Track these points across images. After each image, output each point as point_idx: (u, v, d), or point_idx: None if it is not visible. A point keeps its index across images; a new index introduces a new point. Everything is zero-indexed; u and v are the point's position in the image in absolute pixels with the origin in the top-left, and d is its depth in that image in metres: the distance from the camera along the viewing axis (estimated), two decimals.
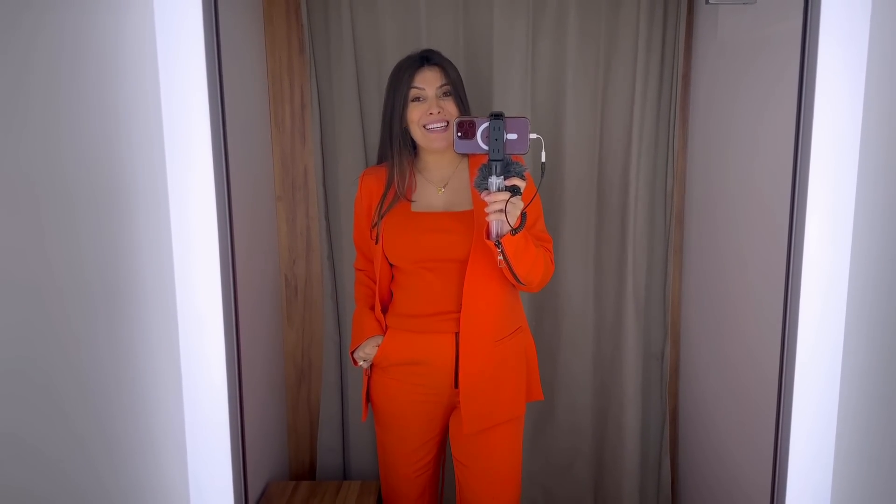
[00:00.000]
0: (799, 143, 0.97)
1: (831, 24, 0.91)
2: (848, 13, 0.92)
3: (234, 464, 1.01)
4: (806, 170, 0.96)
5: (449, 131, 1.54)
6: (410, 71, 1.53)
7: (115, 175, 0.94)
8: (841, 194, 0.96)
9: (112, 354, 0.94)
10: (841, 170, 0.96)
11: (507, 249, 1.39)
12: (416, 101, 1.54)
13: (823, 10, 0.91)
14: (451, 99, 1.55)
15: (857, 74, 0.94)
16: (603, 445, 2.26)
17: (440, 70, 1.55)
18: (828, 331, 1.00)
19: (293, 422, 2.27)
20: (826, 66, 0.93)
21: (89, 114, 0.89)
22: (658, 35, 2.02)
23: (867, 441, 1.08)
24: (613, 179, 2.11)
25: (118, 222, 0.95)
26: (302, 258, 2.19)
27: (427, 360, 1.59)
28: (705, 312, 2.03)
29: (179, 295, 0.99)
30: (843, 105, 0.95)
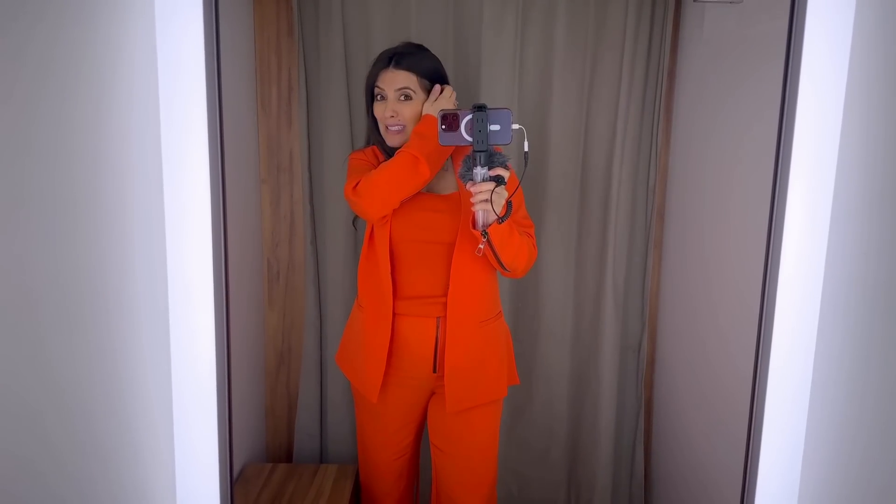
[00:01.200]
0: (781, 142, 1.00)
1: (816, 25, 0.94)
2: (833, 14, 0.95)
3: (220, 445, 1.02)
4: (787, 168, 0.98)
5: (403, 133, 1.58)
6: (376, 69, 1.59)
7: (111, 161, 0.94)
8: (820, 192, 0.99)
9: (100, 335, 0.94)
10: (821, 169, 0.99)
11: (493, 238, 1.42)
12: (381, 100, 1.59)
13: (809, 10, 0.93)
14: (409, 103, 1.57)
15: (840, 74, 0.97)
16: (578, 434, 2.30)
17: (404, 72, 1.56)
18: (802, 327, 1.03)
19: (272, 405, 2.27)
20: (810, 66, 0.96)
21: (84, 94, 0.89)
22: (645, 31, 2.04)
23: (837, 434, 1.11)
24: (597, 173, 2.14)
25: (109, 209, 0.95)
26: (285, 242, 2.19)
27: (406, 344, 1.61)
28: (682, 306, 2.07)
29: (171, 282, 0.99)
30: (825, 105, 0.98)
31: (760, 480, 1.04)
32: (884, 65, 1.02)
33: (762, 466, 1.03)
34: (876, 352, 1.07)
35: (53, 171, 0.86)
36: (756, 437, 1.05)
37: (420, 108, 1.59)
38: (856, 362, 1.08)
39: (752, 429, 1.07)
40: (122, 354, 0.99)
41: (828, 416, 1.09)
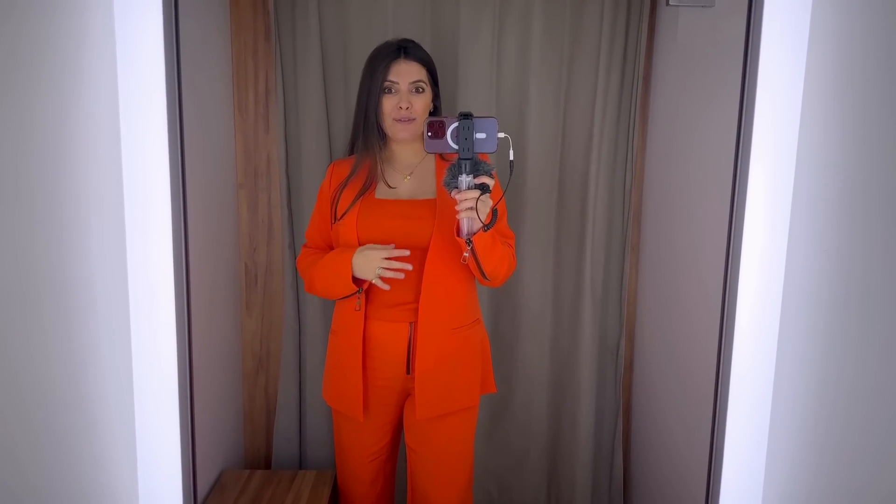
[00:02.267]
0: (740, 145, 1.01)
1: (772, 28, 0.95)
2: (789, 17, 0.96)
3: (183, 452, 1.01)
4: (746, 171, 0.99)
5: (414, 124, 1.57)
6: (387, 62, 1.55)
7: (69, 159, 0.93)
8: (779, 193, 1.00)
9: (59, 340, 0.93)
10: (779, 169, 0.99)
11: (476, 247, 1.42)
12: (389, 93, 1.56)
13: (766, 13, 0.94)
14: (422, 95, 1.57)
15: (797, 75, 0.98)
16: (558, 438, 2.30)
17: (416, 64, 1.56)
18: (764, 327, 1.04)
19: (250, 410, 2.26)
20: (767, 68, 0.97)
21: (41, 94, 0.88)
22: (620, 36, 2.05)
23: (800, 435, 1.12)
24: (574, 176, 2.14)
25: (69, 207, 0.94)
26: (263, 246, 2.18)
27: (380, 345, 1.61)
28: (659, 308, 2.07)
29: (131, 280, 0.98)
30: (783, 107, 0.99)
31: (724, 481, 1.04)
32: (840, 67, 1.03)
33: (726, 467, 1.04)
34: (837, 350, 1.08)
35: (15, 173, 0.85)
36: (720, 438, 1.06)
37: (429, 101, 1.58)
38: (817, 362, 1.09)
39: (716, 429, 1.07)
40: (83, 358, 0.98)
41: (790, 416, 1.10)
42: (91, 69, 0.96)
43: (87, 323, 0.98)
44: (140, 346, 0.97)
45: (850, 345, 1.06)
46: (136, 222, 0.95)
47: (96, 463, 1.01)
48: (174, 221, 0.94)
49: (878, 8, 1.00)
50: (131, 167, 0.94)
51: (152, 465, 0.99)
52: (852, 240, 1.03)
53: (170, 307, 0.95)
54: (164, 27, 0.90)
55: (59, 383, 0.94)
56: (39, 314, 0.90)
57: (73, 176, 0.95)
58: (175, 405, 0.96)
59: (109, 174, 0.99)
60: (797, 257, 1.05)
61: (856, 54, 1.03)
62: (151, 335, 0.96)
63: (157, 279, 0.96)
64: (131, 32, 0.93)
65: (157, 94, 0.92)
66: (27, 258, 0.87)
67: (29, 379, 0.89)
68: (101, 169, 0.99)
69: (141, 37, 0.93)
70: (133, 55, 0.93)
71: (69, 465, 0.96)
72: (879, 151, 0.99)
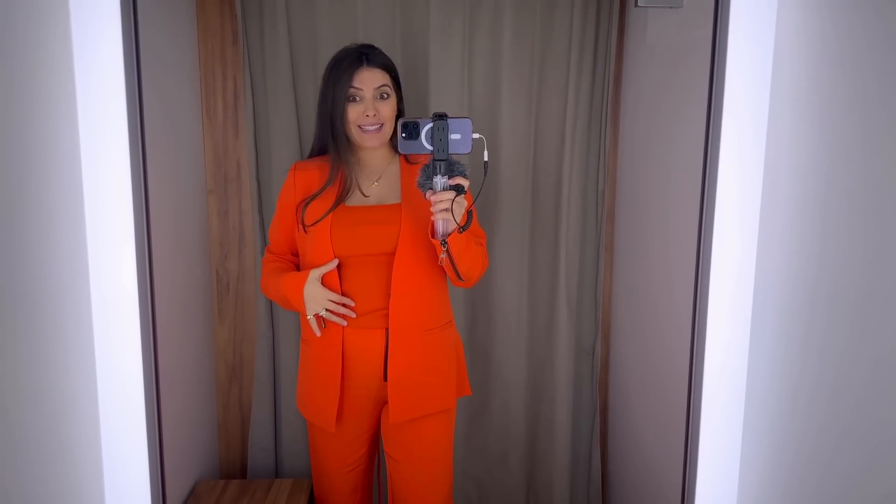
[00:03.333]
0: (708, 145, 1.01)
1: (739, 29, 0.96)
2: (755, 17, 0.97)
3: (151, 464, 0.99)
4: (715, 170, 0.99)
5: (381, 131, 1.56)
6: (350, 70, 1.53)
7: (30, 169, 0.91)
8: (748, 192, 1.01)
9: (21, 351, 0.90)
10: (748, 170, 1.00)
11: (452, 248, 1.42)
12: (353, 101, 1.54)
13: (732, 14, 0.95)
14: (387, 101, 1.56)
15: (764, 76, 0.99)
16: (536, 439, 2.30)
17: (380, 70, 1.55)
18: (735, 325, 1.04)
19: (224, 420, 2.23)
20: (734, 68, 0.98)
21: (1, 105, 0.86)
22: (591, 37, 2.06)
23: (772, 436, 1.13)
24: (547, 178, 2.15)
25: (30, 216, 0.92)
26: (234, 253, 2.15)
27: (357, 354, 1.59)
28: (633, 308, 2.08)
29: (94, 289, 0.96)
30: (750, 105, 0.99)
31: (700, 480, 1.04)
32: (806, 66, 1.04)
33: (701, 466, 1.04)
34: (810, 348, 1.09)
35: None
36: (694, 437, 1.06)
37: (395, 106, 1.57)
38: (790, 359, 1.10)
39: (690, 428, 1.08)
40: (45, 370, 0.95)
41: (764, 415, 1.10)
42: (49, 76, 0.94)
43: (50, 332, 0.95)
44: (104, 357, 0.95)
45: (823, 341, 1.07)
46: (98, 231, 0.93)
47: (61, 475, 0.99)
48: (136, 228, 0.92)
49: (843, 7, 1.01)
50: (91, 176, 0.92)
51: (120, 478, 0.97)
52: (823, 237, 1.04)
53: (134, 316, 0.93)
54: (123, 32, 0.88)
55: (20, 394, 0.91)
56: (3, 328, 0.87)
57: (33, 183, 0.92)
58: (142, 416, 0.94)
59: (70, 183, 0.97)
60: (767, 255, 1.06)
61: (822, 54, 1.04)
62: (115, 345, 0.94)
63: (120, 288, 0.93)
64: (90, 39, 0.91)
65: (116, 99, 0.90)
66: None
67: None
68: (62, 178, 0.96)
69: (99, 43, 0.91)
70: (92, 61, 0.91)
71: (32, 477, 0.94)
72: (848, 150, 1.00)
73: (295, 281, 1.57)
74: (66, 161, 0.96)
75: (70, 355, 0.98)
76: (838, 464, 1.03)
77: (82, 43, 0.92)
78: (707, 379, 1.03)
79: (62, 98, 0.95)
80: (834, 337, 1.04)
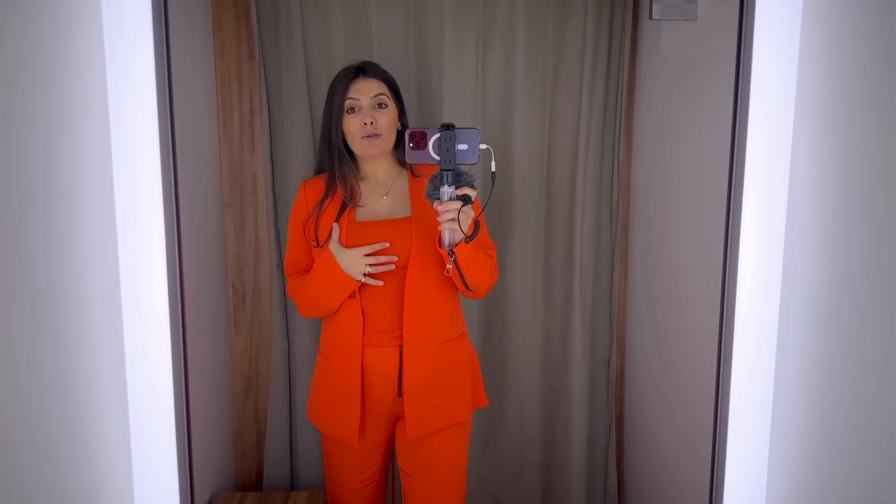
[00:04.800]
0: (734, 155, 1.02)
1: (763, 41, 0.96)
2: (779, 30, 0.97)
3: (180, 475, 0.99)
4: (741, 180, 1.00)
5: (380, 140, 1.57)
6: (345, 81, 1.56)
7: (62, 180, 0.92)
8: (773, 202, 1.01)
9: (55, 363, 0.92)
10: (773, 179, 1.01)
11: (459, 257, 1.42)
12: (352, 112, 1.56)
13: (756, 27, 0.96)
14: (385, 111, 1.57)
15: (788, 88, 0.99)
16: (551, 451, 2.29)
17: (375, 80, 1.57)
18: (762, 335, 1.04)
19: (240, 431, 2.23)
20: (759, 80, 0.98)
21: (37, 118, 0.87)
22: (604, 49, 2.07)
23: (800, 447, 1.12)
24: (561, 189, 2.16)
25: (64, 228, 0.93)
26: (250, 266, 2.17)
27: (374, 371, 1.59)
28: (649, 319, 2.08)
29: (125, 303, 0.97)
30: (775, 116, 1.00)
31: (727, 493, 1.04)
32: (831, 75, 1.05)
33: (728, 480, 1.04)
34: (833, 357, 1.09)
35: (6, 182, 0.84)
36: (721, 449, 1.06)
37: (394, 117, 1.58)
38: (817, 368, 1.10)
39: (717, 440, 1.08)
40: (80, 392, 0.96)
41: (791, 427, 1.10)
42: (81, 94, 0.95)
43: (82, 345, 0.96)
44: (134, 372, 0.96)
45: (850, 347, 1.07)
46: (129, 249, 0.94)
47: (91, 489, 0.99)
48: (168, 246, 0.94)
49: (866, 16, 1.02)
50: (124, 190, 0.93)
51: (148, 492, 0.97)
52: (848, 248, 1.04)
53: (165, 333, 0.94)
54: (156, 53, 0.90)
55: (60, 413, 0.92)
56: (31, 333, 0.88)
57: (69, 193, 0.94)
58: (172, 431, 0.95)
59: (102, 197, 0.98)
60: (793, 264, 1.06)
61: (846, 63, 1.04)
62: (146, 360, 0.95)
63: (152, 304, 0.94)
64: (122, 57, 0.93)
65: (147, 120, 0.91)
66: (25, 261, 0.86)
67: (26, 386, 0.87)
68: (93, 192, 0.98)
69: (132, 60, 0.92)
70: (125, 79, 0.93)
71: (65, 491, 0.94)
72: (873, 159, 1.00)
73: (324, 264, 1.54)
74: (100, 173, 0.98)
75: (100, 367, 0.99)
76: (866, 474, 1.03)
77: (114, 59, 0.94)
78: (734, 387, 1.03)
79: (96, 114, 0.97)
80: (860, 341, 1.04)
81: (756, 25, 0.96)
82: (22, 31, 0.87)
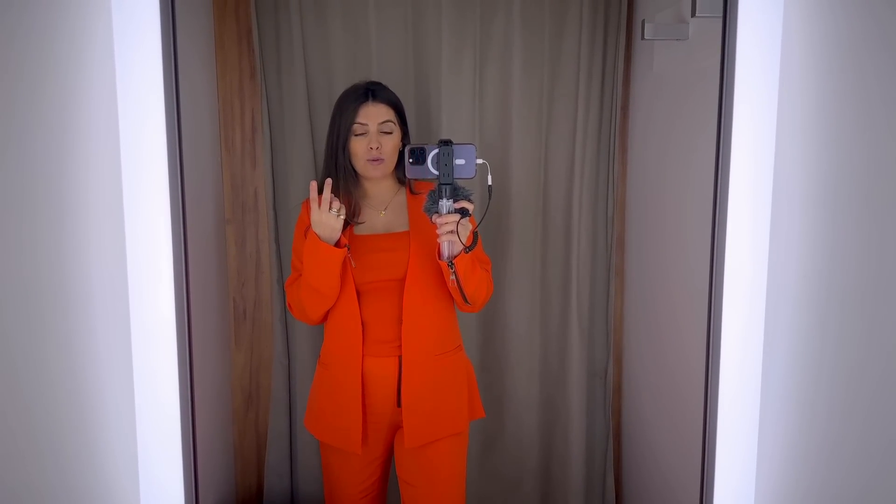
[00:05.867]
0: (718, 172, 1.05)
1: (746, 59, 1.00)
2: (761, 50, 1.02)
3: (186, 492, 1.01)
4: (725, 196, 1.03)
5: (384, 164, 1.61)
6: (355, 105, 1.60)
7: (73, 198, 0.95)
8: (758, 219, 1.05)
9: (63, 380, 0.94)
10: (758, 193, 1.04)
11: (458, 269, 1.46)
12: (358, 136, 1.60)
13: (738, 46, 1.00)
14: (390, 136, 1.62)
15: (771, 103, 1.03)
16: (549, 463, 2.31)
17: (384, 106, 1.61)
18: (749, 349, 1.07)
19: (240, 445, 2.25)
20: (742, 97, 1.02)
21: (46, 135, 0.90)
22: (598, 67, 2.11)
23: (789, 460, 1.15)
24: (558, 204, 2.19)
25: (74, 243, 0.96)
26: (251, 281, 2.19)
27: (373, 381, 1.62)
28: (645, 332, 2.11)
29: (133, 316, 1.00)
30: (758, 131, 1.04)
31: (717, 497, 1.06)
32: (812, 94, 1.09)
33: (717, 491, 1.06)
34: (820, 372, 1.11)
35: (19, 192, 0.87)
36: (710, 462, 1.08)
37: (398, 141, 1.62)
38: (803, 394, 1.12)
39: (706, 453, 1.10)
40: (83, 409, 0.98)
41: (779, 441, 1.13)
42: (91, 114, 0.98)
43: (89, 360, 0.99)
44: (141, 387, 0.98)
45: (835, 361, 1.10)
46: (137, 265, 0.97)
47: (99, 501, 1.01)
48: (175, 264, 0.96)
49: (847, 37, 1.05)
50: (132, 205, 0.96)
51: None
52: (832, 259, 1.07)
53: (171, 347, 0.96)
54: (164, 70, 0.93)
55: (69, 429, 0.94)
56: (41, 349, 0.91)
57: (77, 214, 0.96)
58: (178, 444, 0.97)
59: (111, 213, 1.01)
60: (779, 279, 1.09)
61: (827, 82, 1.08)
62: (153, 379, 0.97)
63: (159, 321, 0.97)
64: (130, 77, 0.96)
65: (156, 133, 0.95)
66: (35, 276, 0.88)
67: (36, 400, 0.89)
68: (102, 208, 1.00)
69: (140, 81, 0.95)
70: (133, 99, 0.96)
71: None
72: (857, 179, 1.04)
73: (309, 244, 1.53)
74: (109, 188, 1.01)
75: (107, 381, 1.02)
76: (854, 476, 1.05)
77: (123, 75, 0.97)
78: (722, 402, 1.06)
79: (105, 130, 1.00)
80: (848, 347, 1.07)
81: (738, 46, 1.00)
82: (32, 59, 0.90)
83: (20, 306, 0.87)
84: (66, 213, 0.96)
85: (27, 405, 0.89)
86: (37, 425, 0.91)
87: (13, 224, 0.87)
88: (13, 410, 0.87)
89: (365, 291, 1.61)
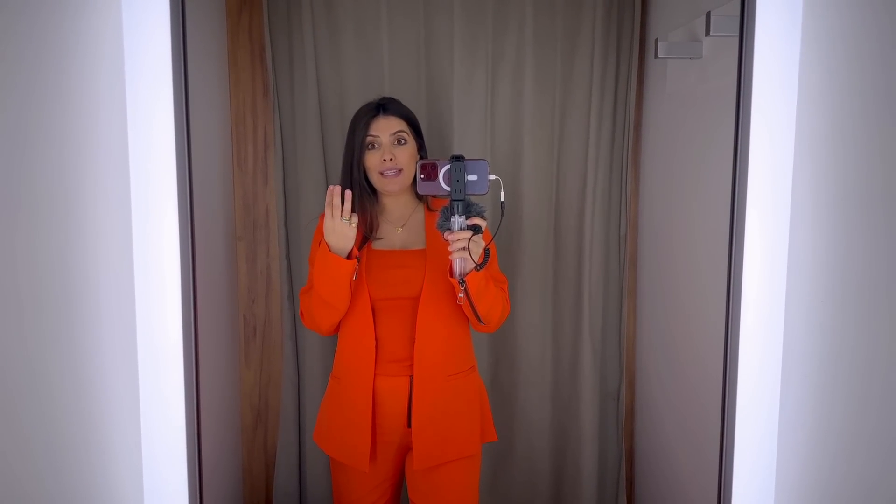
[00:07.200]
0: (735, 191, 1.03)
1: (763, 80, 0.99)
2: (778, 68, 1.00)
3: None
4: (742, 216, 1.01)
5: (401, 176, 1.60)
6: (367, 119, 1.60)
7: (81, 212, 0.95)
8: (775, 238, 1.03)
9: (71, 399, 0.93)
10: (775, 213, 1.02)
11: (470, 287, 1.44)
12: (372, 149, 1.59)
13: (756, 65, 0.98)
14: (405, 147, 1.61)
15: (788, 125, 1.01)
16: (561, 485, 2.27)
17: (395, 118, 1.61)
18: (767, 371, 1.05)
19: (248, 464, 2.23)
20: (759, 117, 1.01)
21: (57, 152, 0.90)
22: (611, 86, 2.10)
23: (807, 482, 1.12)
24: (569, 223, 2.17)
25: (82, 254, 0.95)
26: (261, 298, 2.19)
27: (384, 402, 1.60)
28: (658, 353, 2.08)
29: (140, 334, 0.99)
30: (775, 150, 1.02)
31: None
32: (830, 112, 1.07)
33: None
34: (840, 395, 1.09)
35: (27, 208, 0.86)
36: (727, 484, 1.06)
37: (414, 152, 1.62)
38: (822, 405, 1.10)
39: (723, 476, 1.07)
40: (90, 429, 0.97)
41: (797, 463, 1.10)
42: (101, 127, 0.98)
43: (97, 377, 0.98)
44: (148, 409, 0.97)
45: (852, 386, 1.07)
46: (145, 282, 0.96)
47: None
48: (183, 281, 0.96)
49: (867, 54, 1.04)
50: (141, 221, 0.96)
51: None
52: (844, 287, 1.05)
53: (178, 365, 0.96)
54: (174, 87, 0.93)
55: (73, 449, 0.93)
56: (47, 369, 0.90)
57: (84, 228, 0.96)
58: (183, 463, 0.96)
59: (120, 229, 1.01)
60: (797, 301, 1.07)
61: (846, 101, 1.07)
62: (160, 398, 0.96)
63: (166, 339, 0.96)
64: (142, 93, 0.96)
65: (166, 149, 0.94)
66: (37, 277, 0.88)
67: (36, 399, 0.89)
68: (111, 223, 1.00)
69: (152, 97, 0.95)
70: (144, 115, 0.96)
71: None
72: (875, 199, 1.02)
73: (321, 254, 1.51)
74: (117, 208, 1.00)
75: (115, 399, 1.01)
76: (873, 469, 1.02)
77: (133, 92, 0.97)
78: (740, 425, 1.03)
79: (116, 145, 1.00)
80: (863, 379, 1.04)
81: (755, 65, 0.99)
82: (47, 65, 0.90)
83: (26, 320, 0.87)
84: (75, 229, 0.96)
85: (30, 416, 0.88)
86: (40, 440, 0.90)
87: (21, 236, 0.87)
88: (17, 423, 0.87)
89: (380, 308, 1.60)
